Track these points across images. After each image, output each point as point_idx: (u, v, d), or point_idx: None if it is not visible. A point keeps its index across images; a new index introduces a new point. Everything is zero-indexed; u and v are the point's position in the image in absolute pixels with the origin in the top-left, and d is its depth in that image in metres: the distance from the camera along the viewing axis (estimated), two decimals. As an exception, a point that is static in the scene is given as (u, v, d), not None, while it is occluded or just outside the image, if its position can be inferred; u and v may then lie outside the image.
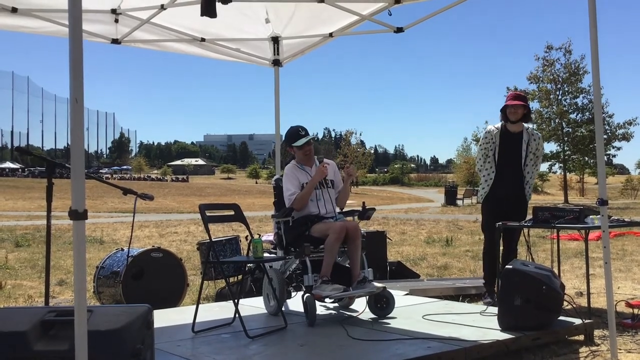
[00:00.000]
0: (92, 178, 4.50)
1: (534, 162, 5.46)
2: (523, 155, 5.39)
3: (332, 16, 5.55)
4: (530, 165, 5.43)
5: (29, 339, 2.47)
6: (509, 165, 5.40)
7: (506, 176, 5.40)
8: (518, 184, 5.41)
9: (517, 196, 5.40)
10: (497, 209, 5.36)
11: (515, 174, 5.40)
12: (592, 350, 3.82)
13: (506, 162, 5.41)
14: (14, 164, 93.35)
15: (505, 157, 5.41)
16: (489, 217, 5.44)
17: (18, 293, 6.61)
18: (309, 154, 4.87)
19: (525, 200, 5.44)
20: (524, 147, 5.38)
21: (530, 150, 5.40)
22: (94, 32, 5.46)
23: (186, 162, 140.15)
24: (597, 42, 3.66)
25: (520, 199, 5.41)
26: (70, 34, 2.41)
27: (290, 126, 4.93)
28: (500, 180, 5.41)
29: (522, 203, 5.42)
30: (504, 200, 5.37)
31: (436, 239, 12.32)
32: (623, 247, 9.88)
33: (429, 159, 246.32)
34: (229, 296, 5.27)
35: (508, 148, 5.40)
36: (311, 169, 4.89)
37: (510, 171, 5.40)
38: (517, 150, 5.39)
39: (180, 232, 15.00)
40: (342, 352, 3.59)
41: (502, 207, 5.34)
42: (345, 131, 68.95)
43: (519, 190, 5.41)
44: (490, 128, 5.53)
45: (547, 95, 34.80)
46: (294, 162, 4.91)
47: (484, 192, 5.51)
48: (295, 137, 4.83)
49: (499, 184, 5.41)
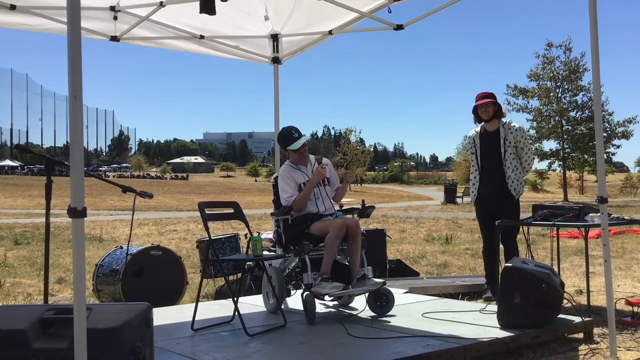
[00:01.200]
0: (91, 176, 4.50)
1: (515, 155, 5.39)
2: (502, 151, 5.39)
3: (332, 13, 5.55)
4: (510, 160, 5.37)
5: (27, 336, 2.46)
6: (490, 165, 5.44)
7: (489, 175, 5.45)
8: (501, 181, 5.40)
9: (501, 194, 5.38)
10: (485, 208, 5.45)
11: (497, 171, 5.41)
12: (592, 348, 3.82)
13: (487, 162, 5.46)
14: (13, 161, 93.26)
15: (486, 157, 5.47)
16: (480, 217, 5.57)
17: (17, 291, 6.60)
18: (305, 154, 4.86)
19: (511, 197, 5.38)
20: (501, 142, 5.39)
21: (509, 144, 5.37)
22: (93, 30, 5.45)
23: (185, 160, 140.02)
24: (597, 40, 3.66)
25: (505, 196, 5.38)
26: (69, 31, 2.40)
27: (282, 128, 4.92)
28: (484, 180, 5.47)
29: (508, 199, 5.38)
30: (489, 200, 5.42)
31: (436, 237, 12.33)
32: (623, 245, 9.89)
33: (428, 157, 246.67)
34: (229, 294, 5.27)
35: (487, 148, 5.46)
36: (306, 167, 4.88)
37: (492, 170, 5.42)
38: (496, 147, 5.41)
39: (179, 230, 14.99)
40: (341, 350, 3.59)
41: (489, 206, 5.40)
42: (344, 129, 68.98)
43: (502, 188, 5.39)
44: (471, 132, 5.63)
45: (547, 93, 34.74)
46: (289, 162, 4.90)
47: (473, 195, 5.60)
48: (289, 140, 4.79)
49: (482, 186, 5.48)
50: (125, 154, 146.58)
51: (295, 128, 4.84)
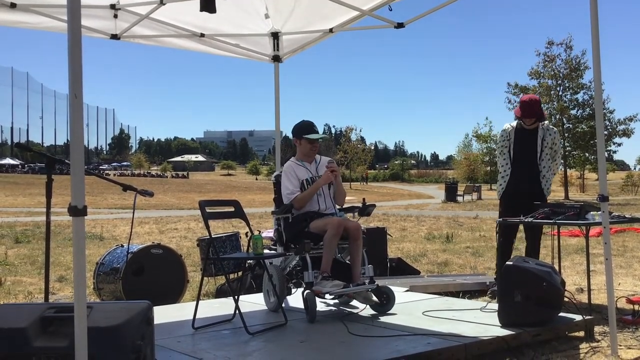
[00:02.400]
0: (92, 174, 4.50)
1: (550, 157, 5.48)
2: (538, 150, 5.44)
3: (332, 11, 5.53)
4: (546, 160, 5.46)
5: (28, 335, 2.46)
6: (524, 161, 5.46)
7: (522, 172, 5.46)
8: (534, 179, 5.45)
9: (533, 191, 5.41)
10: (514, 204, 5.40)
11: (532, 169, 5.45)
12: (593, 346, 3.81)
13: (521, 158, 5.47)
14: (13, 160, 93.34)
15: (521, 153, 5.48)
16: (505, 212, 5.46)
17: (18, 289, 6.61)
18: (315, 150, 4.88)
19: (543, 195, 5.46)
20: (539, 142, 5.44)
21: (546, 145, 5.44)
22: (93, 28, 5.44)
23: (186, 158, 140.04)
24: (598, 37, 3.65)
25: (537, 195, 5.42)
26: (69, 29, 2.40)
27: (302, 120, 4.93)
28: (516, 176, 5.48)
29: (540, 198, 5.42)
30: (519, 196, 5.40)
31: (436, 236, 12.33)
32: (624, 244, 9.88)
33: (429, 155, 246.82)
34: (229, 292, 5.27)
35: (523, 144, 5.47)
36: (311, 165, 4.88)
37: (526, 167, 5.45)
38: (532, 145, 5.45)
39: (180, 229, 15.00)
40: (342, 348, 3.59)
41: (518, 202, 5.36)
42: (345, 127, 68.90)
43: (535, 185, 5.45)
44: (506, 126, 5.63)
45: (547, 91, 34.74)
46: (294, 158, 4.90)
47: (501, 188, 5.58)
48: (308, 130, 4.82)
49: (515, 180, 5.48)
50: (126, 152, 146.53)
51: (314, 123, 4.89)
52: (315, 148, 4.86)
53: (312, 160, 4.90)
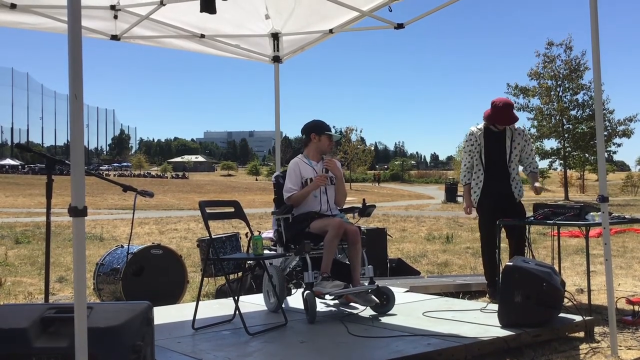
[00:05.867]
0: (92, 175, 4.50)
1: (520, 158, 5.43)
2: (507, 152, 5.38)
3: (332, 12, 5.54)
4: (515, 162, 5.40)
5: (28, 335, 2.46)
6: (495, 164, 5.41)
7: (494, 175, 5.41)
8: (506, 182, 5.39)
9: (506, 194, 5.38)
10: (491, 208, 5.37)
11: (502, 172, 5.40)
12: (593, 347, 3.81)
13: (493, 161, 5.42)
14: (14, 160, 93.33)
15: (491, 156, 5.42)
16: (483, 216, 5.46)
17: (18, 290, 6.60)
18: (330, 149, 4.92)
19: (513, 197, 5.38)
20: (508, 143, 5.38)
21: (515, 147, 5.39)
22: (93, 29, 5.45)
23: (186, 159, 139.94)
24: (598, 38, 3.65)
25: (509, 198, 5.38)
26: (70, 30, 2.40)
27: (314, 119, 4.98)
28: (490, 180, 5.42)
29: (513, 201, 5.38)
30: (495, 199, 5.37)
31: (436, 236, 12.32)
32: (624, 244, 9.88)
33: (429, 156, 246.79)
34: (229, 293, 5.27)
35: (493, 147, 5.41)
36: (317, 163, 4.89)
37: (498, 169, 5.40)
38: (501, 147, 5.39)
39: (180, 229, 14.99)
40: (342, 348, 3.59)
41: (495, 205, 5.34)
42: (345, 128, 68.76)
43: (507, 188, 5.39)
44: (473, 130, 5.50)
45: (547, 92, 34.70)
46: (302, 156, 4.91)
47: (475, 195, 5.49)
48: (327, 128, 4.90)
49: (489, 184, 5.42)
50: (126, 152, 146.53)
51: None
52: (332, 146, 4.90)
53: (319, 159, 4.91)
